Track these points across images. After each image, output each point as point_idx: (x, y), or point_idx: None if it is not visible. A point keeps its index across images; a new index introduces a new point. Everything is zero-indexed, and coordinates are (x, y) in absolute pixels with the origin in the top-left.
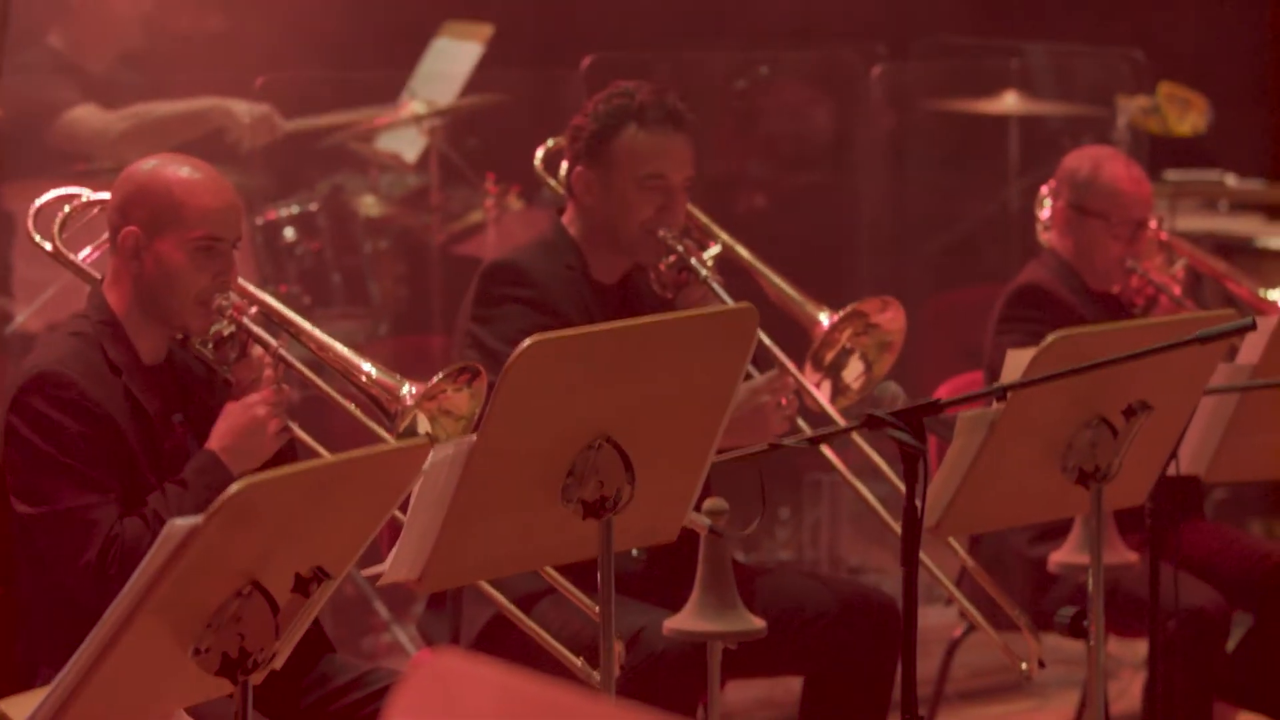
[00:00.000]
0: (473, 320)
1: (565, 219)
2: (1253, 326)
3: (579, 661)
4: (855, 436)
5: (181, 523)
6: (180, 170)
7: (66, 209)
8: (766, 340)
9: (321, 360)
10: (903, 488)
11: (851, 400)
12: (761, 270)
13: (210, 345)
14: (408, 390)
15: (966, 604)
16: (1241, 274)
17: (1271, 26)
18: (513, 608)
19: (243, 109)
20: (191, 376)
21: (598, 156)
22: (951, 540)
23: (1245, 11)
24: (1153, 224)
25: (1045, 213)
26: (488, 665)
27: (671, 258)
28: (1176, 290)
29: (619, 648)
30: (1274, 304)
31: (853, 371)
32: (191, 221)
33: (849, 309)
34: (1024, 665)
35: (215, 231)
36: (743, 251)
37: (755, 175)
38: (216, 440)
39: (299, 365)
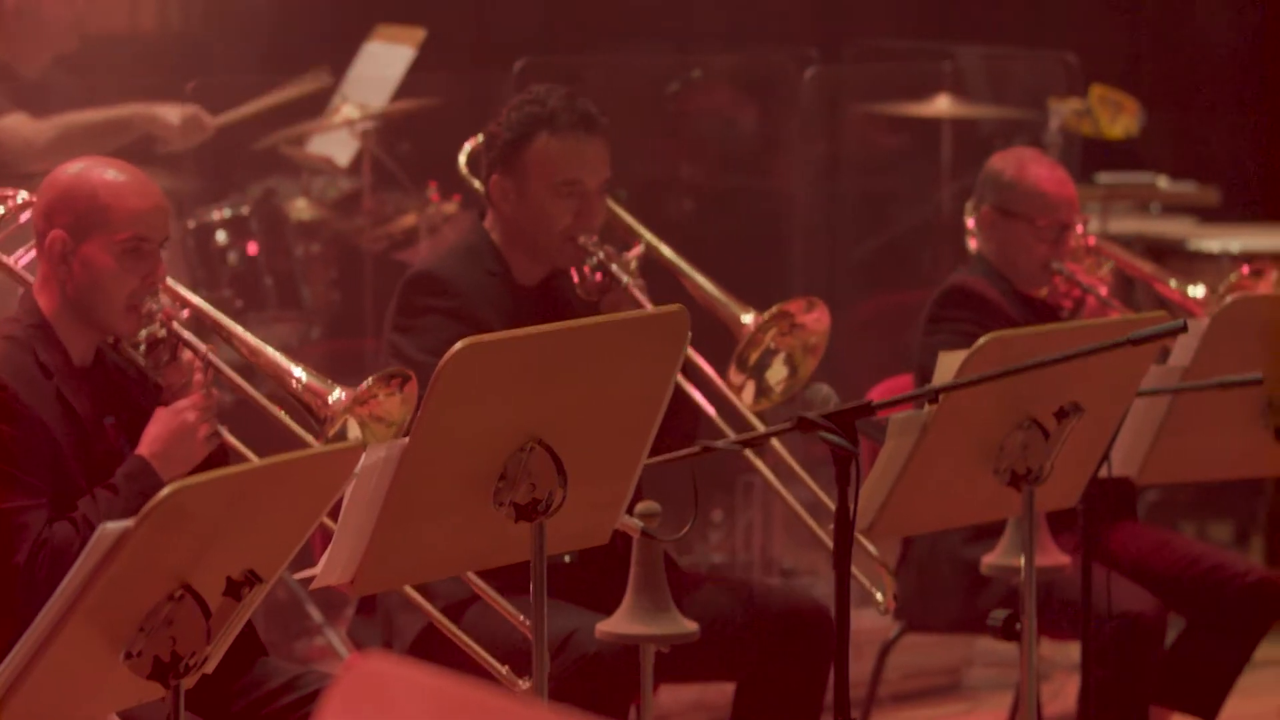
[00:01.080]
0: (394, 330)
1: (487, 222)
2: (1184, 329)
3: (504, 670)
4: (775, 442)
5: (112, 526)
6: (105, 173)
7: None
8: (695, 357)
9: (253, 364)
10: (821, 493)
11: (775, 402)
12: (686, 271)
13: (141, 348)
14: (338, 395)
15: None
16: (1171, 276)
17: (1203, 30)
18: (439, 615)
19: (169, 111)
20: (123, 379)
21: (512, 165)
22: (865, 541)
23: (1177, 15)
24: (1079, 227)
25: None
26: (419, 669)
27: (593, 262)
28: (1104, 291)
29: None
30: (1201, 301)
31: (777, 374)
32: (118, 224)
33: (774, 309)
34: (879, 596)
35: (142, 232)
36: (667, 252)
37: (687, 178)
38: (146, 446)
39: (228, 371)
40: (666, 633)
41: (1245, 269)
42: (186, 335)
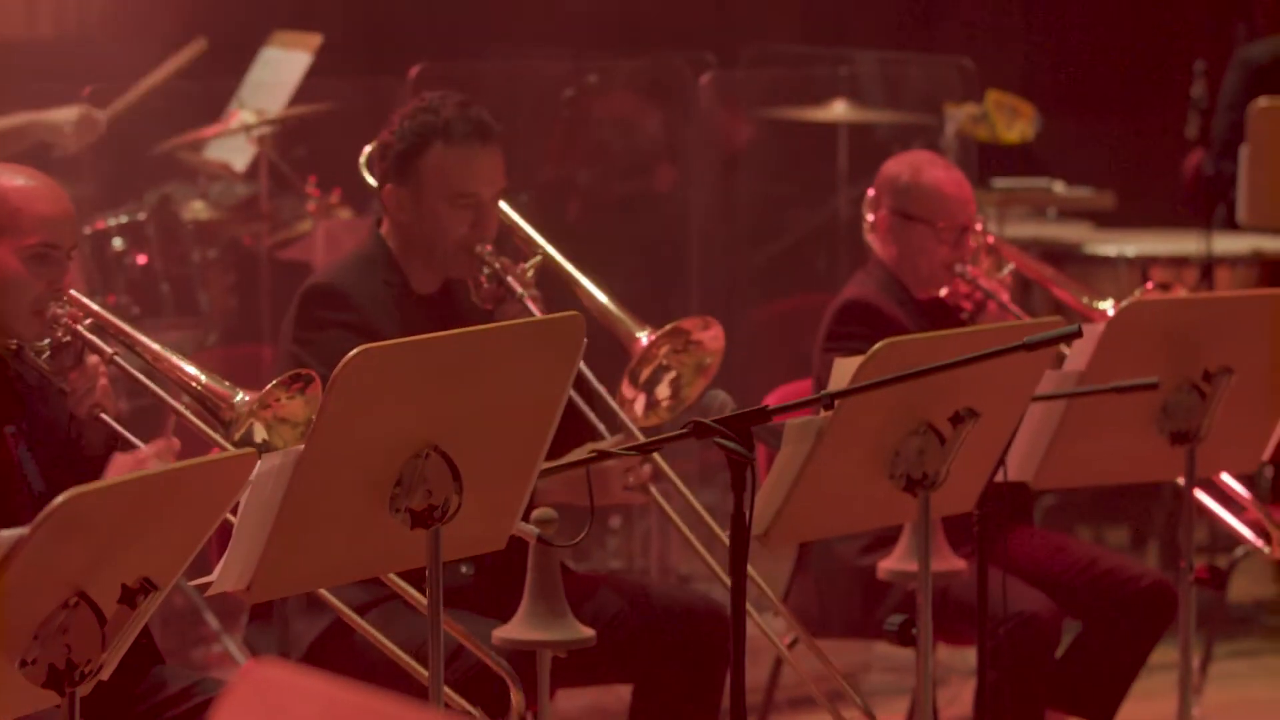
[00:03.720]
0: (294, 342)
1: (383, 230)
2: (1079, 334)
3: (414, 665)
4: (655, 456)
5: (7, 534)
6: (15, 179)
7: None
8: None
9: (156, 370)
10: (694, 503)
11: (663, 419)
12: (582, 284)
13: (46, 354)
14: (241, 398)
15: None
16: (1069, 280)
17: (1098, 35)
18: (352, 613)
19: (61, 114)
20: (24, 386)
21: (406, 175)
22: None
23: (1072, 20)
24: (978, 227)
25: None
26: (312, 676)
27: (489, 272)
28: (1004, 295)
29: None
30: (1100, 311)
31: (666, 391)
32: (27, 229)
33: (669, 326)
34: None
35: (51, 239)
36: (565, 265)
37: (584, 183)
38: None
39: (135, 373)
40: (562, 639)
41: (1150, 284)
42: (91, 338)
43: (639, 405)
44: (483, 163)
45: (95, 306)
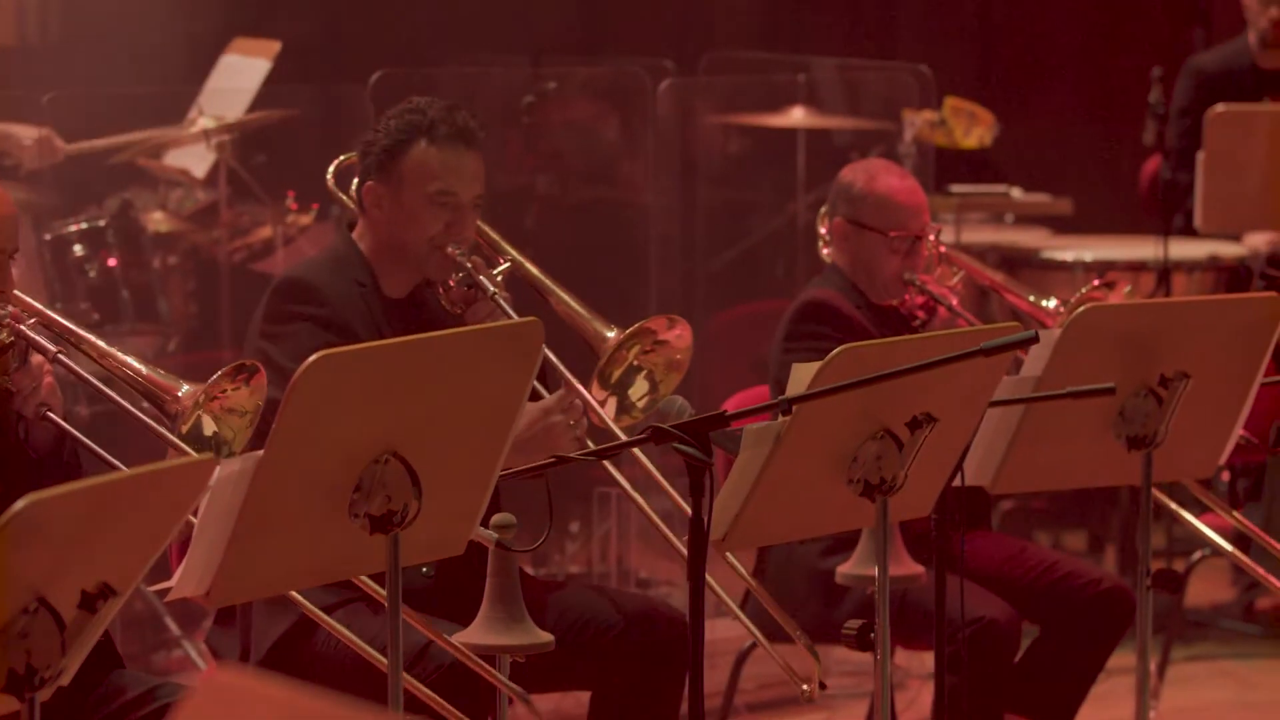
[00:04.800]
0: (262, 337)
1: (355, 234)
2: (1035, 339)
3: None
4: (636, 451)
5: None
6: None
7: None
8: (553, 358)
9: (102, 368)
10: (681, 502)
11: (637, 419)
12: (550, 287)
13: None
14: (187, 389)
15: (748, 622)
16: (1023, 286)
17: (1056, 42)
18: (318, 612)
19: (22, 132)
20: None
21: (388, 171)
22: (734, 561)
23: (1029, 27)
24: (931, 236)
25: (826, 228)
26: (271, 682)
27: (460, 274)
28: (954, 302)
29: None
30: (1052, 312)
31: (639, 390)
32: None
33: (636, 326)
34: (805, 687)
35: None
36: (531, 269)
37: (543, 190)
38: None
39: (81, 372)
40: (521, 644)
41: (1096, 280)
42: (35, 337)
43: (610, 408)
44: (464, 164)
45: (39, 306)
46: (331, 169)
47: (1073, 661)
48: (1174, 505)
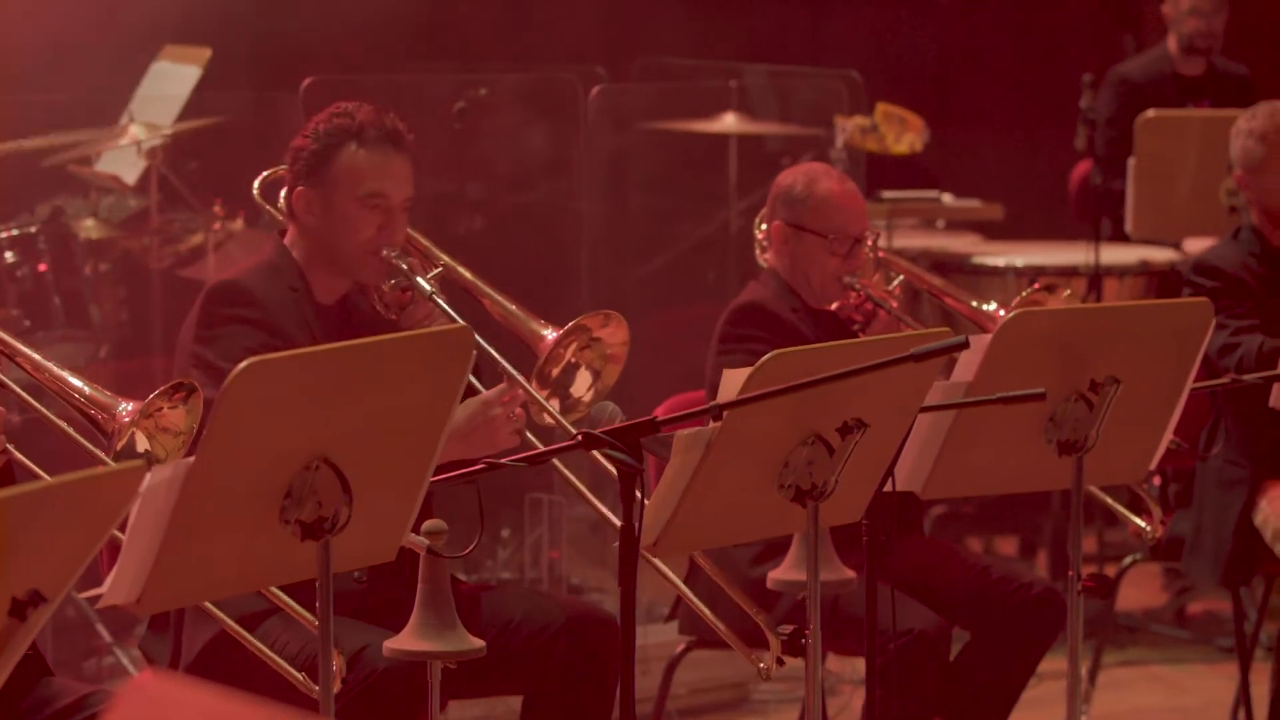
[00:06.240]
0: (196, 341)
1: (287, 240)
2: (965, 345)
3: (301, 676)
4: (556, 462)
5: None
6: None
7: None
8: (494, 353)
9: (37, 382)
10: (604, 510)
11: (583, 414)
12: (484, 290)
13: None
14: (124, 409)
15: (705, 610)
16: (958, 289)
17: (986, 48)
18: (235, 625)
19: None
20: None
21: (318, 176)
22: (662, 566)
23: (961, 32)
24: (869, 240)
25: (763, 233)
26: (200, 688)
27: (394, 279)
28: (895, 305)
29: (339, 662)
30: (992, 315)
31: (581, 385)
32: None
33: (572, 324)
34: (762, 665)
35: None
36: (464, 272)
37: (474, 196)
38: None
39: (13, 386)
40: (452, 649)
41: (1037, 284)
42: None
43: (553, 405)
44: (394, 167)
45: None
46: (258, 182)
47: (1004, 666)
48: (1111, 501)
